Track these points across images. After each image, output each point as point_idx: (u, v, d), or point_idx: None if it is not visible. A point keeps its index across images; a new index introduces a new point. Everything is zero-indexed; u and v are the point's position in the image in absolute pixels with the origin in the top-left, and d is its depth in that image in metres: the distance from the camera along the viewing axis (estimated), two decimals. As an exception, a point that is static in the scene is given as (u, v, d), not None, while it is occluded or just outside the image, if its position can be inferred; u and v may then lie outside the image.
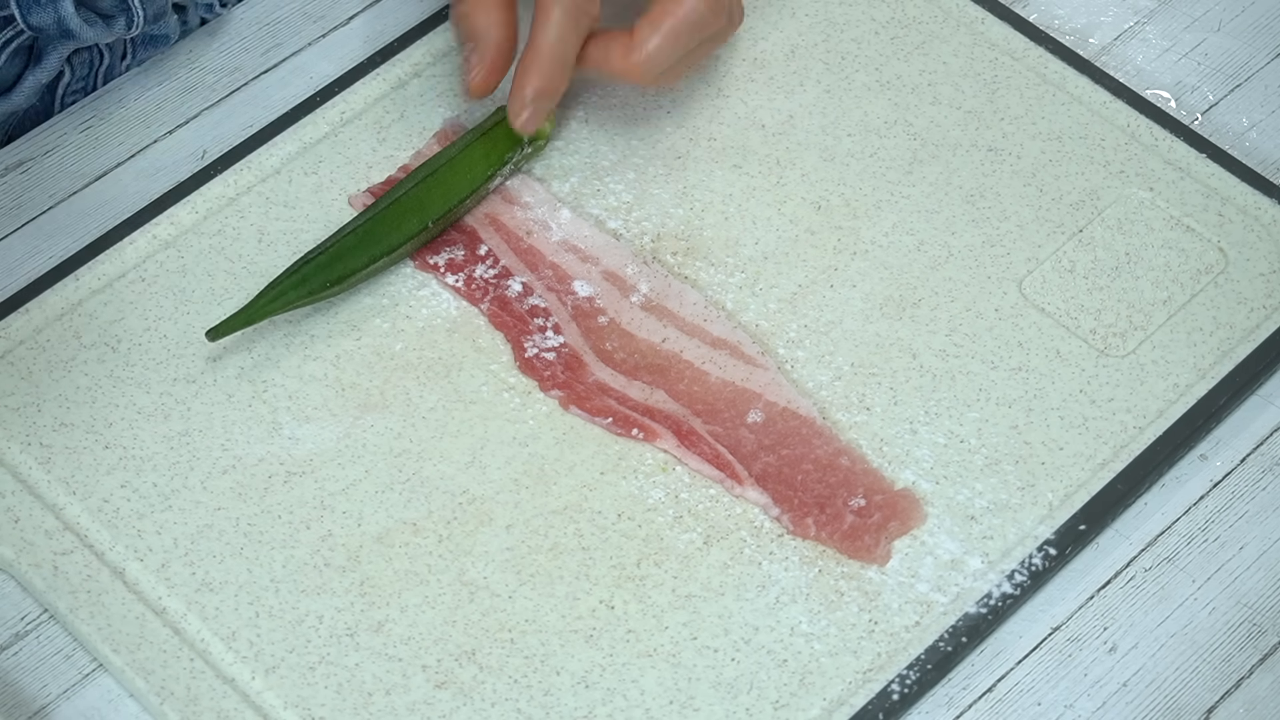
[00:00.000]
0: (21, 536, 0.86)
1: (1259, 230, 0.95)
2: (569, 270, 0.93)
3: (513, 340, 0.91)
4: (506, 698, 0.82)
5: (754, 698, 0.82)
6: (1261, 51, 1.03)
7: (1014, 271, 0.94)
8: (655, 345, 0.92)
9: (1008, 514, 0.87)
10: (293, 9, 1.04)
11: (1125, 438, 0.89)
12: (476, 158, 0.94)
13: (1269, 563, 0.87)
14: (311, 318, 0.92)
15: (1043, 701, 0.84)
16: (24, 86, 0.99)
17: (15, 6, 0.94)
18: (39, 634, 0.85)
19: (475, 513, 0.87)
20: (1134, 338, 0.92)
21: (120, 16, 0.97)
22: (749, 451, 0.88)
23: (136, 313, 0.92)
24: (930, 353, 0.91)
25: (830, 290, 0.93)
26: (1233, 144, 1.00)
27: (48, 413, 0.89)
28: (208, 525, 0.86)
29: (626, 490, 0.87)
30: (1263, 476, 0.90)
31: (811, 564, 0.85)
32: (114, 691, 0.84)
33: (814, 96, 1.00)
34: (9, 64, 0.98)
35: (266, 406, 0.89)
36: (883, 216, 0.96)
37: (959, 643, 0.84)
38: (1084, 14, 1.04)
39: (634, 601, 0.84)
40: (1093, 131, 0.98)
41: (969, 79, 1.00)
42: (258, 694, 0.82)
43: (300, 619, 0.84)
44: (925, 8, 1.02)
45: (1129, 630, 0.86)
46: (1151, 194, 0.96)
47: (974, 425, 0.89)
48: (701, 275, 0.94)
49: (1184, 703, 0.84)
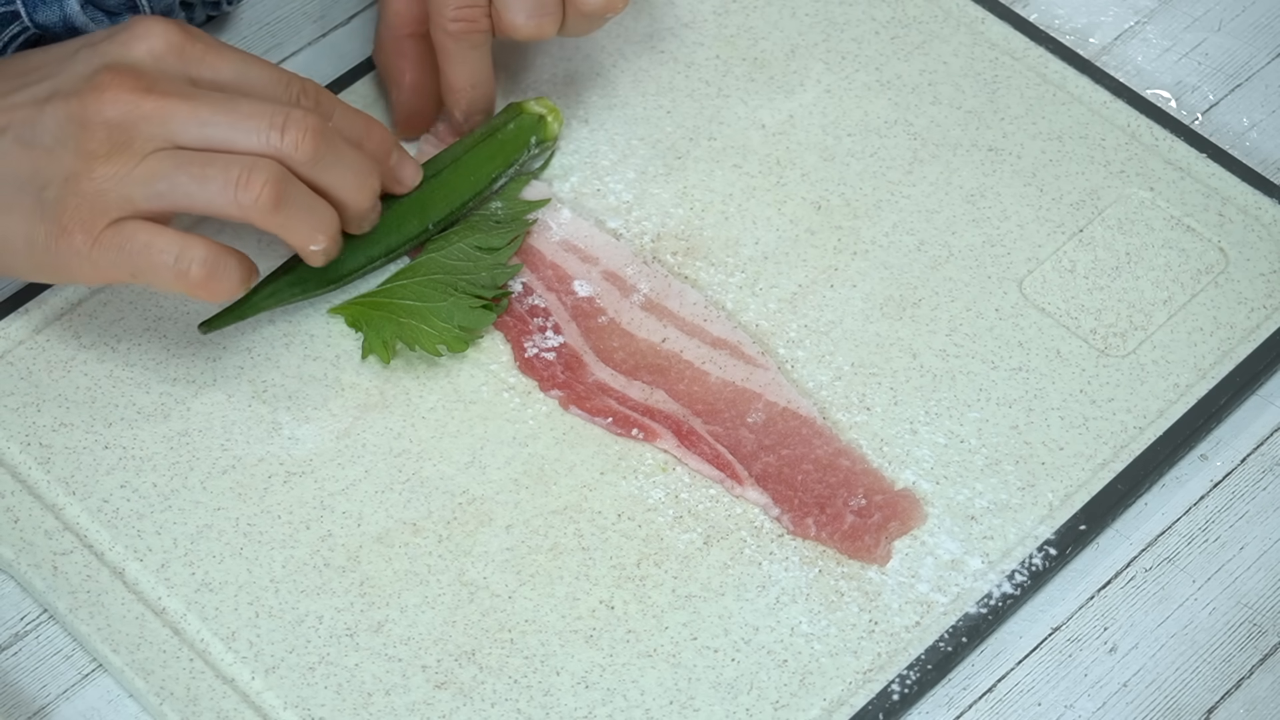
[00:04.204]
0: (21, 536, 0.86)
1: (1259, 230, 0.95)
2: (569, 270, 0.93)
3: (513, 340, 0.91)
4: (506, 698, 0.82)
5: (754, 698, 0.82)
6: (1261, 51, 1.03)
7: (1014, 271, 0.94)
8: (655, 345, 0.92)
9: (1008, 514, 0.87)
10: (293, 9, 1.04)
11: (1125, 438, 0.89)
12: (481, 161, 0.94)
13: (1269, 563, 0.87)
14: (311, 318, 0.92)
15: (1043, 702, 0.84)
16: None
17: (21, 4, 0.94)
18: (39, 634, 0.85)
19: (475, 513, 0.87)
20: (1134, 338, 0.92)
21: (127, 14, 0.97)
22: (749, 451, 0.88)
23: (136, 313, 0.92)
24: (930, 353, 0.91)
25: (830, 290, 0.93)
26: (1233, 144, 1.00)
27: (48, 413, 0.89)
28: (207, 525, 0.86)
29: (626, 490, 0.87)
30: (1263, 476, 0.90)
31: (811, 564, 0.85)
32: (114, 691, 0.84)
33: (814, 96, 1.00)
34: (14, 60, 0.98)
35: (266, 406, 0.89)
36: (883, 216, 0.96)
37: (959, 643, 0.84)
38: (1084, 14, 1.04)
39: (634, 601, 0.84)
40: (1093, 131, 0.98)
41: (969, 79, 1.00)
42: (257, 694, 0.82)
43: (300, 619, 0.84)
44: (925, 8, 1.02)
45: (1129, 630, 0.86)
46: (1152, 194, 0.96)
47: (974, 425, 0.89)
48: (701, 275, 0.94)
49: (1184, 703, 0.84)
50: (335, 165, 0.85)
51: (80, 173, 0.82)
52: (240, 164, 0.82)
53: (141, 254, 0.82)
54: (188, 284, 0.83)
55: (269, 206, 0.83)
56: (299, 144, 0.83)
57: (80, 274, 0.83)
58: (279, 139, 0.83)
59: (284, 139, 0.83)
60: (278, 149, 0.83)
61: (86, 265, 0.83)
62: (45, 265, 0.84)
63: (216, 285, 0.83)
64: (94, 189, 0.82)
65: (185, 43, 0.84)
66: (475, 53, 0.93)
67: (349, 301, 0.91)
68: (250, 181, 0.82)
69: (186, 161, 0.82)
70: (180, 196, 0.82)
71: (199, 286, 0.83)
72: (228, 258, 0.83)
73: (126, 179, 0.82)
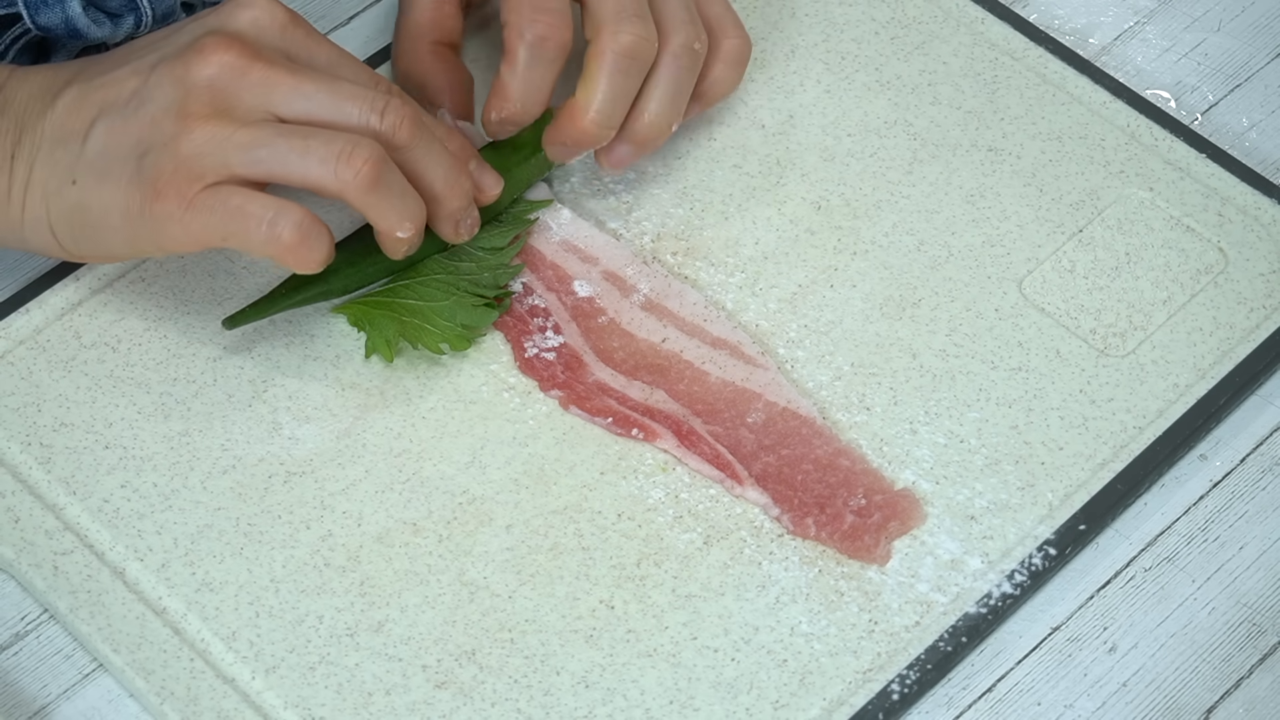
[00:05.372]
0: (21, 536, 0.86)
1: (1259, 230, 0.95)
2: (569, 270, 0.93)
3: (513, 340, 0.91)
4: (506, 698, 0.82)
5: (754, 698, 0.82)
6: (1261, 51, 1.03)
7: (1014, 271, 0.94)
8: (655, 345, 0.92)
9: (1008, 514, 0.87)
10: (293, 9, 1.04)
11: (1125, 438, 0.89)
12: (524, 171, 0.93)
13: (1269, 563, 0.87)
14: (312, 318, 0.92)
15: (1043, 701, 0.84)
16: None
17: (23, 6, 0.94)
18: (39, 634, 0.85)
19: (475, 513, 0.87)
20: (1134, 338, 0.92)
21: (129, 15, 0.97)
22: (749, 451, 0.88)
23: (136, 313, 0.92)
24: (930, 353, 0.91)
25: (830, 290, 0.93)
26: (1233, 144, 1.00)
27: (48, 413, 0.89)
28: (208, 525, 0.86)
29: (626, 490, 0.87)
30: (1263, 476, 0.90)
31: (811, 564, 0.85)
32: (114, 691, 0.84)
33: (814, 96, 1.00)
34: (17, 61, 0.97)
35: (266, 406, 0.89)
36: (883, 216, 0.96)
37: (959, 643, 0.84)
38: (1084, 14, 1.04)
39: (634, 601, 0.84)
40: (1093, 131, 0.98)
41: (969, 79, 1.00)
42: (258, 694, 0.82)
43: (300, 619, 0.84)
44: (925, 8, 1.02)
45: (1129, 630, 0.86)
46: (1151, 194, 0.96)
47: (974, 425, 0.89)
48: (701, 275, 0.94)
49: (1184, 703, 0.84)
50: (429, 155, 0.85)
51: (179, 134, 0.82)
52: (343, 139, 0.82)
53: (236, 216, 0.82)
54: (279, 248, 0.83)
55: (367, 184, 0.82)
56: (397, 128, 0.84)
57: (173, 238, 0.83)
58: (379, 120, 0.83)
59: (384, 121, 0.83)
60: (377, 130, 0.83)
61: (179, 229, 0.83)
62: (140, 234, 0.83)
63: (306, 252, 0.83)
64: (192, 151, 0.82)
65: (289, 22, 0.85)
66: (544, 66, 0.90)
67: (351, 301, 0.91)
68: (353, 157, 0.82)
69: (289, 132, 0.82)
70: (279, 165, 0.82)
71: (290, 251, 0.83)
72: (320, 226, 0.83)
73: (226, 143, 0.82)
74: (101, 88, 0.84)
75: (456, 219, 0.88)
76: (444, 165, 0.86)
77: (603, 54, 0.89)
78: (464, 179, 0.88)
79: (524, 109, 0.91)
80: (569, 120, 0.90)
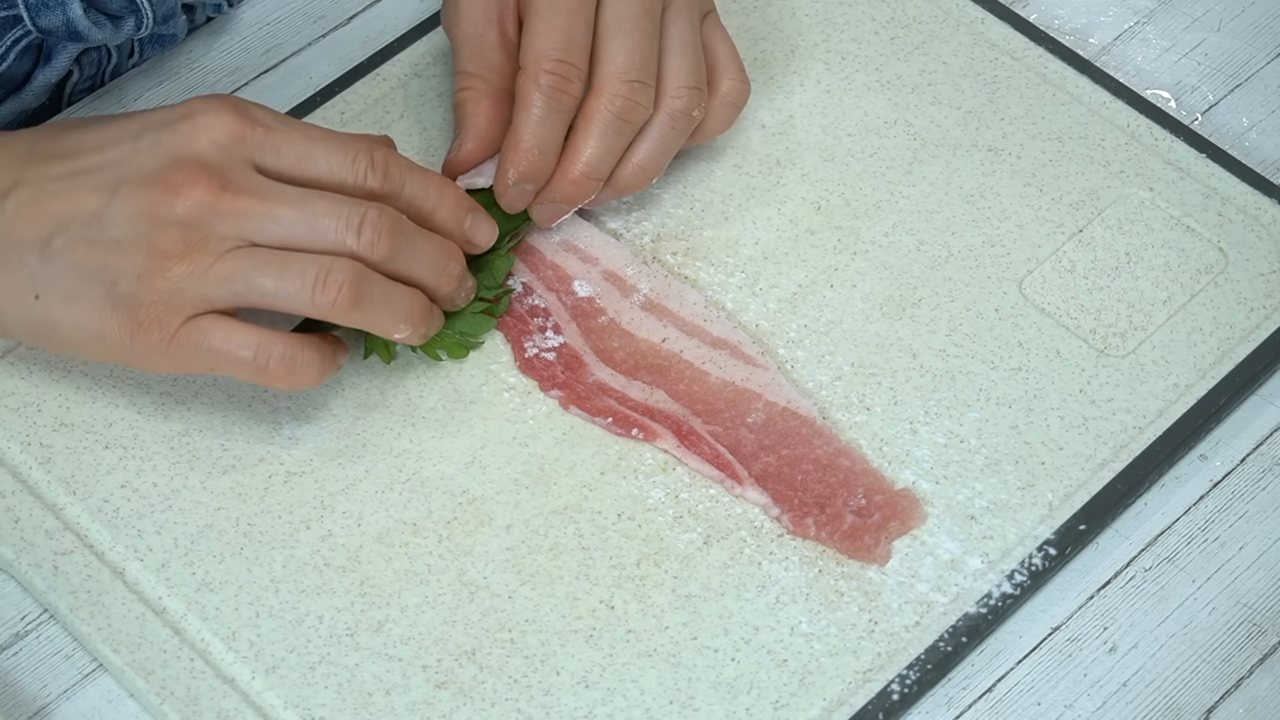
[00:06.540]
0: (21, 536, 0.86)
1: (1259, 230, 0.95)
2: (569, 270, 0.93)
3: (513, 340, 0.91)
4: (506, 698, 0.82)
5: (754, 698, 0.82)
6: (1261, 51, 1.03)
7: (1014, 271, 0.94)
8: (655, 345, 0.92)
9: (1008, 514, 0.87)
10: (293, 9, 1.04)
11: (1125, 438, 0.89)
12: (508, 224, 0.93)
13: (1269, 563, 0.87)
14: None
15: (1043, 701, 0.84)
16: (33, 86, 0.99)
17: (24, 8, 0.94)
18: (39, 634, 0.85)
19: (475, 513, 0.87)
20: (1134, 338, 0.92)
21: (129, 17, 0.97)
22: (749, 451, 0.88)
23: (137, 313, 0.92)
24: (930, 353, 0.91)
25: (830, 290, 0.93)
26: (1233, 144, 1.00)
27: (48, 413, 0.89)
28: (208, 525, 0.86)
29: (626, 490, 0.87)
30: (1263, 476, 0.90)
31: (811, 564, 0.85)
32: (114, 691, 0.84)
33: (814, 96, 1.00)
34: (18, 62, 0.97)
35: (266, 406, 0.89)
36: (883, 216, 0.96)
37: (959, 643, 0.84)
38: (1084, 14, 1.04)
39: (634, 601, 0.84)
40: (1093, 131, 0.98)
41: (969, 79, 1.00)
42: (258, 694, 0.82)
43: (300, 619, 0.84)
44: (925, 8, 1.02)
45: (1129, 630, 0.86)
46: (1151, 194, 0.96)
47: (974, 425, 0.89)
48: (701, 275, 0.94)
49: (1184, 703, 0.84)
50: (412, 259, 0.85)
51: (154, 270, 0.82)
52: (318, 264, 0.82)
53: (220, 350, 0.83)
54: (267, 378, 0.84)
55: (347, 306, 0.83)
56: (374, 245, 0.83)
57: (156, 366, 0.84)
58: (355, 240, 0.83)
59: (360, 240, 0.83)
60: (354, 249, 0.83)
61: (164, 359, 0.83)
62: (118, 357, 0.84)
63: (295, 378, 0.84)
64: (170, 287, 0.82)
65: (246, 129, 0.83)
66: (556, 115, 0.89)
67: None
68: (328, 284, 0.82)
69: (264, 261, 0.82)
70: (257, 296, 0.82)
71: (279, 380, 0.84)
72: (305, 350, 0.84)
73: (203, 278, 0.82)
74: (57, 197, 0.83)
75: (453, 297, 0.88)
76: (429, 259, 0.86)
77: (599, 112, 0.89)
78: (451, 265, 0.87)
79: (539, 162, 0.89)
80: (557, 172, 0.90)
